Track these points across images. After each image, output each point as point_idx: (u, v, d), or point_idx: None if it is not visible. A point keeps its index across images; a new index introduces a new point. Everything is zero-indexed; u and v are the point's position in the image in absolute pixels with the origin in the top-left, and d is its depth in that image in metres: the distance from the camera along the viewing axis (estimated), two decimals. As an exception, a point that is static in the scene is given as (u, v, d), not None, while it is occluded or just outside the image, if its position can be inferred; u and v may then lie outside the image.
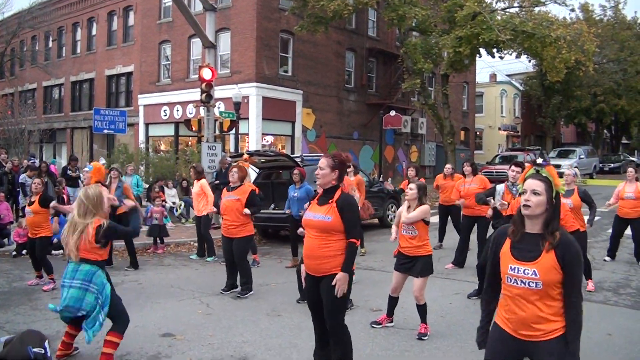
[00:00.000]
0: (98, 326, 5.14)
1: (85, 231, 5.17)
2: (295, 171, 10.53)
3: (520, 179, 3.47)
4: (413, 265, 6.37)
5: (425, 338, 6.27)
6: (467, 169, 10.47)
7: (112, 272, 9.47)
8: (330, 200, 4.77)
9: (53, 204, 8.89)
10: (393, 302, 6.73)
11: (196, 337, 6.34)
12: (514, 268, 3.24)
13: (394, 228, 6.61)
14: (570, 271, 3.17)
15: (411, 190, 6.48)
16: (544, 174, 3.33)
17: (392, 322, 6.80)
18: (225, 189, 8.80)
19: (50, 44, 36.31)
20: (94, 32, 33.08)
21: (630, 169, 10.88)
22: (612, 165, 40.28)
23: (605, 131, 55.74)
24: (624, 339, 6.41)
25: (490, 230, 9.13)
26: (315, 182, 5.00)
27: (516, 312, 3.26)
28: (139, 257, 11.29)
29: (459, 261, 10.25)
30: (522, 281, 3.21)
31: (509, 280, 3.28)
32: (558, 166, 31.20)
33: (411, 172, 11.51)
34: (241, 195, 8.37)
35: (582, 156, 34.77)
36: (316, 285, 4.87)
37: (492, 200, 8.07)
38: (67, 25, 34.79)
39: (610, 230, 11.00)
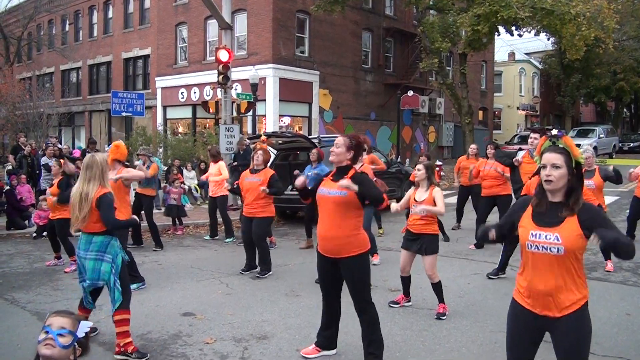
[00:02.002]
0: (119, 295, 5.18)
1: (91, 199, 5.12)
2: (314, 151, 10.54)
3: (536, 151, 3.43)
4: (420, 243, 6.41)
5: (443, 318, 6.28)
6: (491, 151, 10.40)
7: (133, 253, 9.61)
8: (345, 176, 4.77)
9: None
10: (406, 281, 6.76)
11: (216, 316, 6.41)
12: (535, 234, 3.21)
13: (396, 206, 6.51)
14: (598, 226, 3.10)
15: (419, 170, 6.53)
16: (561, 145, 3.28)
17: (409, 301, 6.84)
18: (248, 170, 8.78)
19: (67, 28, 36.46)
20: (110, 15, 33.13)
21: None
22: (631, 144, 39.80)
23: (625, 110, 54.95)
24: (644, 318, 6.39)
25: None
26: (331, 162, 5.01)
27: (536, 285, 3.24)
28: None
29: (479, 242, 10.23)
30: (543, 247, 3.18)
31: (529, 247, 3.24)
32: (578, 145, 30.94)
33: (422, 158, 11.49)
34: (263, 178, 8.41)
35: (601, 135, 34.37)
36: (332, 267, 4.90)
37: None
38: (84, 9, 34.88)
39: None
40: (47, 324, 2.62)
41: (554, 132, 3.33)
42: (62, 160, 8.91)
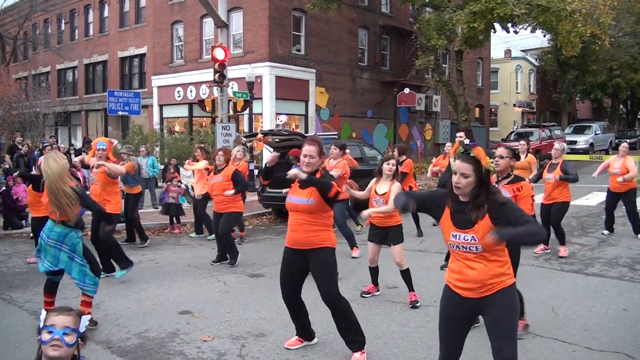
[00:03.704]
0: (91, 277, 5.68)
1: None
2: (291, 156, 10.68)
3: (452, 152, 3.77)
4: (385, 235, 6.72)
5: (417, 305, 6.50)
6: (460, 135, 10.48)
7: (129, 252, 9.59)
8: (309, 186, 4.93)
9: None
10: (374, 272, 7.07)
11: (214, 314, 6.42)
12: (455, 235, 3.55)
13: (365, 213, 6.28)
14: (508, 223, 3.39)
15: (393, 166, 6.71)
16: (472, 154, 3.53)
17: (378, 290, 7.15)
18: (212, 172, 9.29)
19: (63, 27, 36.37)
20: (106, 13, 33.04)
21: (624, 144, 11.09)
22: (628, 140, 39.73)
23: (621, 106, 55.01)
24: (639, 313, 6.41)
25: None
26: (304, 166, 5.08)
27: (466, 273, 3.55)
28: (157, 237, 11.49)
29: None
30: (464, 246, 3.53)
31: (452, 247, 3.60)
32: (574, 142, 31.06)
33: (395, 152, 11.45)
34: (224, 177, 8.85)
35: (598, 132, 34.42)
36: (301, 259, 5.06)
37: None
38: (79, 8, 34.79)
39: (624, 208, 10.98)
40: (48, 323, 2.61)
41: (466, 141, 3.58)
42: None
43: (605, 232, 11.04)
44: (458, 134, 8.42)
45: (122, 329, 5.97)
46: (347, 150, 10.27)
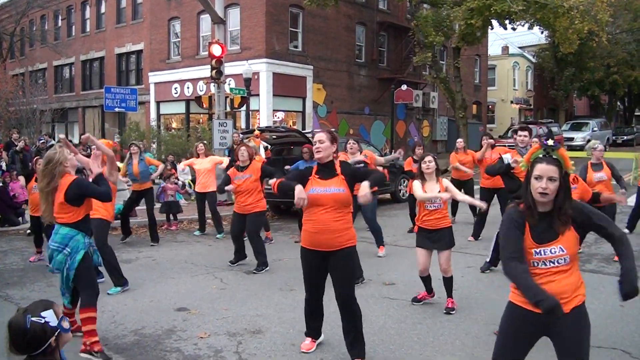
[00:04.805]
0: (67, 289, 5.20)
1: (57, 192, 5.04)
2: (305, 149, 10.52)
3: (526, 158, 3.37)
4: (438, 238, 6.28)
5: (452, 312, 6.26)
6: (485, 142, 10.34)
7: (126, 249, 9.58)
8: (337, 173, 4.78)
9: None
10: (427, 280, 6.55)
11: (211, 311, 6.40)
12: (539, 251, 3.19)
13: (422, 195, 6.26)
14: (591, 221, 3.20)
15: (430, 162, 6.28)
16: (555, 157, 3.22)
17: (433, 296, 6.69)
18: (234, 168, 8.75)
19: (60, 23, 36.30)
20: (103, 9, 33.01)
21: None
22: (625, 137, 39.91)
23: (618, 103, 55.10)
24: (637, 310, 6.41)
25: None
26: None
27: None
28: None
29: (478, 234, 10.31)
30: (550, 261, 3.18)
31: (535, 265, 3.21)
32: (571, 139, 31.09)
33: (419, 150, 11.43)
34: (253, 173, 8.43)
35: (595, 129, 34.47)
36: (323, 260, 4.87)
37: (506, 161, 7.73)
38: (76, 4, 34.74)
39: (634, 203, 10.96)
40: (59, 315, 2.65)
41: (550, 142, 3.27)
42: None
43: (626, 230, 10.57)
44: (521, 132, 8.06)
45: (118, 326, 5.96)
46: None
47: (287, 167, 9.56)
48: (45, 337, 2.71)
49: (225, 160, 11.39)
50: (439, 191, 6.19)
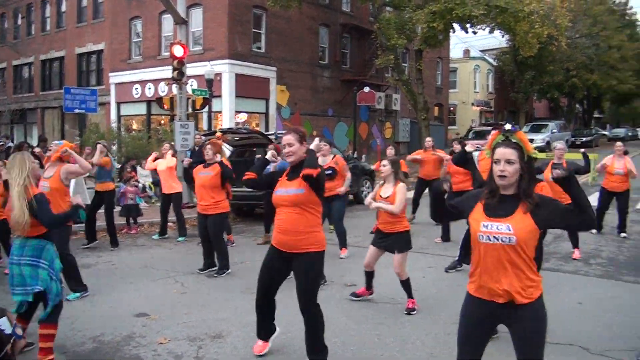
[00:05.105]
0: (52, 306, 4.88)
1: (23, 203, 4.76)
2: (271, 146, 10.44)
3: (487, 144, 3.43)
4: (390, 242, 6.40)
5: (414, 313, 6.32)
6: (457, 147, 10.42)
7: (86, 254, 9.40)
8: (299, 174, 4.72)
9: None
10: (370, 276, 6.78)
11: (171, 316, 6.33)
12: (487, 225, 3.24)
13: (367, 199, 6.62)
14: (558, 206, 3.24)
15: (385, 166, 6.44)
16: (514, 140, 3.30)
17: (372, 294, 6.87)
18: (201, 165, 8.59)
19: (20, 22, 35.51)
20: (63, 8, 32.36)
21: (618, 143, 11.22)
22: (584, 139, 40.72)
23: (577, 105, 56.31)
24: (594, 307, 6.57)
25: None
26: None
27: (488, 280, 3.27)
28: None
29: (447, 235, 10.43)
30: (494, 237, 3.20)
31: (480, 238, 3.25)
32: (531, 140, 31.49)
33: (390, 151, 11.51)
34: (215, 171, 8.32)
35: (554, 130, 35.16)
36: (283, 263, 4.85)
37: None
38: (36, 2, 34.01)
39: (596, 203, 11.21)
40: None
41: (508, 126, 3.33)
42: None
43: (594, 231, 10.93)
44: (454, 144, 8.16)
45: (77, 333, 5.83)
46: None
47: (258, 155, 9.40)
48: (1, 345, 2.62)
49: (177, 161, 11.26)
50: (388, 196, 6.32)
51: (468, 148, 6.66)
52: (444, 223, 10.48)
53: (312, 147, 4.88)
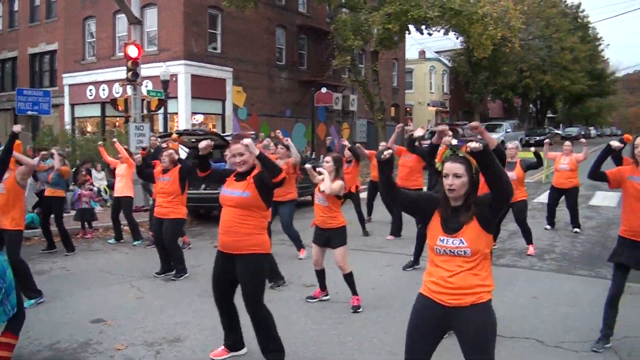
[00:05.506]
0: (2, 315, 4.46)
1: None
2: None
3: (438, 158, 3.53)
4: (328, 237, 6.50)
5: (359, 310, 6.37)
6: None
7: (40, 259, 9.21)
8: (248, 176, 4.75)
9: None
10: (320, 275, 6.83)
11: (127, 321, 6.23)
12: (443, 239, 3.36)
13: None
14: (487, 198, 3.34)
15: (327, 162, 6.53)
16: (461, 155, 3.40)
17: (327, 295, 6.90)
18: (160, 170, 8.50)
19: (-31, 21, 34.53)
20: (16, 7, 31.51)
21: (567, 143, 11.71)
22: (537, 138, 41.51)
23: (531, 106, 57.54)
24: (549, 300, 6.73)
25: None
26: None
27: (446, 279, 3.35)
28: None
29: (396, 231, 10.66)
30: (451, 251, 3.33)
31: (438, 252, 3.39)
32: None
33: (348, 153, 11.57)
34: (173, 177, 8.25)
35: (508, 130, 35.85)
36: (229, 264, 4.86)
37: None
38: (-13, 1, 33.16)
39: (546, 200, 11.61)
40: None
41: (454, 142, 3.44)
42: None
43: (548, 227, 11.48)
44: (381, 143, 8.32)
45: (32, 341, 5.66)
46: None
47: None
48: None
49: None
50: (324, 190, 6.42)
51: (417, 132, 6.78)
52: (395, 213, 10.70)
53: (261, 146, 4.90)
